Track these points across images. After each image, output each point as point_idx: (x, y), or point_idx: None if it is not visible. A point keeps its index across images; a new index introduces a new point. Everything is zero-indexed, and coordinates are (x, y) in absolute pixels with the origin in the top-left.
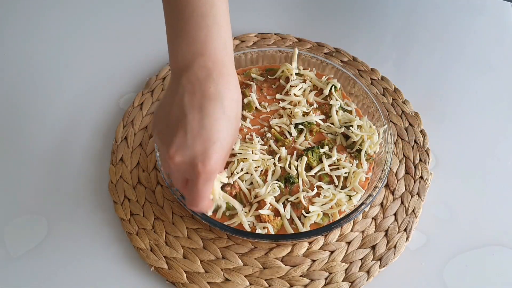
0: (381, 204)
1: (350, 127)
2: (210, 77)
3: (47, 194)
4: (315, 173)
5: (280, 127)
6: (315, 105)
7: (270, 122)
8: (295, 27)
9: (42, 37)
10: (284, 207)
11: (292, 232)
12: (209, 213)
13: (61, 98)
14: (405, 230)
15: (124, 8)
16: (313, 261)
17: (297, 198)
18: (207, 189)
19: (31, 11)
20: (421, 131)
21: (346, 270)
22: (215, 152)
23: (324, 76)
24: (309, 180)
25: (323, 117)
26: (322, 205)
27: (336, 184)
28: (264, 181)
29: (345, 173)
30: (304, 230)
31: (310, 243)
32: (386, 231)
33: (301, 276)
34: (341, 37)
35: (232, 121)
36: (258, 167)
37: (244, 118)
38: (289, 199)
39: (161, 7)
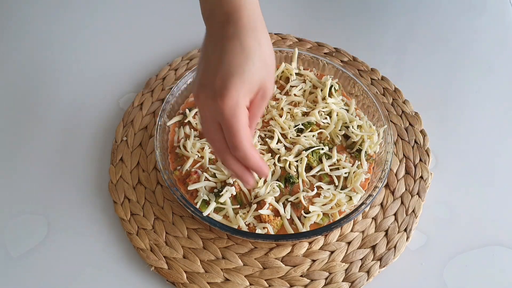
0: (381, 204)
1: (350, 127)
2: (229, 20)
3: (47, 194)
4: (315, 173)
5: (280, 127)
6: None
7: (270, 122)
8: (295, 27)
9: (42, 38)
10: (284, 207)
11: (292, 232)
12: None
13: (61, 98)
14: (405, 230)
15: (124, 8)
16: (313, 261)
17: (297, 198)
18: (240, 125)
19: (31, 11)
20: (421, 131)
21: (346, 270)
22: (234, 83)
23: (325, 76)
24: (309, 180)
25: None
26: (322, 205)
27: (336, 184)
28: (264, 181)
29: (345, 173)
30: (304, 230)
31: (310, 243)
32: (386, 231)
33: (301, 276)
34: (341, 37)
35: (255, 58)
36: None
37: None
38: (289, 199)
39: (160, 8)
